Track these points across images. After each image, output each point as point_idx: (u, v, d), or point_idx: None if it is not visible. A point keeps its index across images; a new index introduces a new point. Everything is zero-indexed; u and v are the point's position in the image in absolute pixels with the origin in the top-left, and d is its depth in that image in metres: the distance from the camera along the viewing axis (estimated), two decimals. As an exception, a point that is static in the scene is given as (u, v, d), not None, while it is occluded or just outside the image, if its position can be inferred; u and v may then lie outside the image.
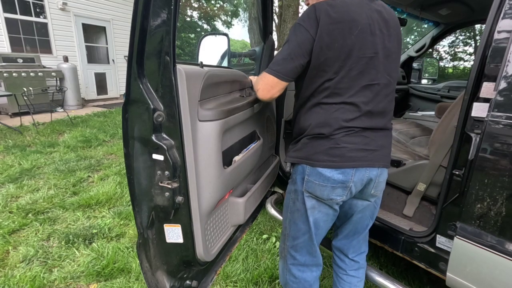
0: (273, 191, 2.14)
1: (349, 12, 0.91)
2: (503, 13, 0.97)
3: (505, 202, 0.95)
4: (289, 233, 1.14)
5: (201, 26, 15.41)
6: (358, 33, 0.90)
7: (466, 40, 13.93)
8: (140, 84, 0.89)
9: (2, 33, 6.08)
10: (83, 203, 2.43)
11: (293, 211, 1.10)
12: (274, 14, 6.16)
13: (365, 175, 0.98)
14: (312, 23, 0.91)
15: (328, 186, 0.97)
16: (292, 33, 0.97)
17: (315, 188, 0.99)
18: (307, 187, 1.01)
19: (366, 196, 1.07)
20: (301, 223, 1.08)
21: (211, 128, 1.03)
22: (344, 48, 0.90)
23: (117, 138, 4.55)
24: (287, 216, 1.13)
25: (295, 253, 1.14)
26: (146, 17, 0.84)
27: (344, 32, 0.90)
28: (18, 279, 1.61)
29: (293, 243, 1.14)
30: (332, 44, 0.90)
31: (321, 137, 0.97)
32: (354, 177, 0.97)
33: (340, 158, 0.95)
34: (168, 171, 0.92)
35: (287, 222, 1.14)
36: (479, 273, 1.04)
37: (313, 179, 0.98)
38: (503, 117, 0.94)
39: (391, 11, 1.02)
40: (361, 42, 0.91)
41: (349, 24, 0.90)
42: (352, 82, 0.93)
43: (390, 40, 0.98)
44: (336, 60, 0.91)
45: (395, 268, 1.80)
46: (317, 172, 0.97)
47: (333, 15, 0.90)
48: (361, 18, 0.91)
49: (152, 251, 1.08)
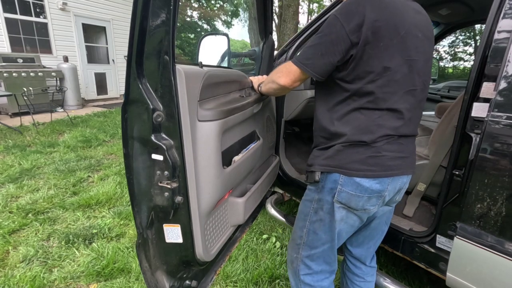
0: (273, 191, 2.14)
1: (395, 10, 0.84)
2: (503, 13, 0.97)
3: (505, 202, 0.95)
4: (305, 242, 1.06)
5: (201, 26, 15.41)
6: (404, 34, 0.84)
7: (466, 40, 13.93)
8: (140, 84, 0.89)
9: (2, 33, 6.08)
10: (83, 203, 2.43)
11: (313, 221, 1.03)
12: (274, 14, 6.16)
13: (398, 183, 0.96)
14: (352, 18, 0.82)
15: (365, 197, 0.92)
16: (326, 26, 0.88)
17: (350, 199, 0.93)
18: (339, 198, 0.94)
19: (390, 202, 1.03)
20: (322, 233, 1.02)
21: (210, 128, 1.03)
22: (390, 49, 0.83)
23: (117, 138, 4.55)
24: (305, 225, 1.05)
25: (311, 262, 1.08)
26: (146, 17, 0.84)
27: (390, 31, 0.82)
28: (18, 279, 1.61)
29: (309, 253, 1.07)
30: (377, 43, 0.82)
31: (361, 145, 0.89)
32: (390, 186, 0.93)
33: (379, 167, 0.90)
34: (167, 171, 0.92)
35: (304, 231, 1.06)
36: (479, 273, 1.04)
37: (349, 189, 0.91)
38: (503, 117, 0.94)
39: (426, 13, 0.97)
40: (406, 43, 0.85)
41: (396, 23, 0.83)
42: (397, 87, 0.87)
43: (428, 43, 0.93)
44: (381, 61, 0.84)
45: (395, 268, 1.80)
46: (353, 182, 0.91)
47: (380, 12, 0.82)
48: (407, 17, 0.85)
49: (152, 251, 1.08)
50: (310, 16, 18.99)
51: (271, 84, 1.11)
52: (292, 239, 1.14)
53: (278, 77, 1.04)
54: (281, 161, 2.02)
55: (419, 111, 0.98)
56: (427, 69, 0.94)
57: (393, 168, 0.91)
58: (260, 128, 1.59)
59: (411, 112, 0.92)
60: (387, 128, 0.89)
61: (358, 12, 0.82)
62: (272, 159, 1.93)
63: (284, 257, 1.89)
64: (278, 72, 1.05)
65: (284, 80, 1.01)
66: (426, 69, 0.93)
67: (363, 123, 0.89)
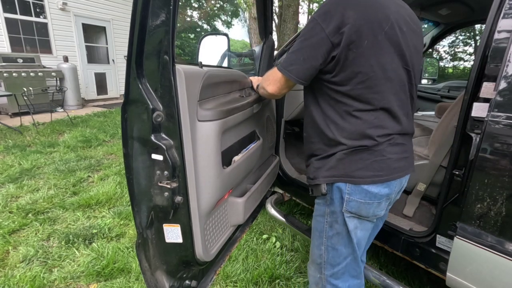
0: (273, 191, 2.14)
1: (376, 5, 0.82)
2: (503, 13, 0.97)
3: (505, 202, 0.95)
4: (326, 260, 1.01)
5: (201, 26, 15.41)
6: (388, 29, 0.81)
7: (466, 40, 13.92)
8: (140, 84, 0.89)
9: (2, 33, 6.08)
10: (83, 203, 2.43)
11: (330, 236, 0.98)
12: (274, 14, 6.16)
13: (402, 183, 0.96)
14: (331, 19, 0.80)
15: (375, 203, 0.89)
16: (306, 30, 0.86)
17: (360, 207, 0.90)
18: (348, 207, 0.90)
19: (391, 202, 1.02)
20: (342, 247, 0.97)
21: (210, 128, 1.03)
22: (376, 46, 0.80)
23: (117, 138, 4.55)
24: (323, 242, 1.00)
25: (336, 281, 1.02)
26: (145, 17, 0.84)
27: (373, 27, 0.80)
28: (18, 279, 1.61)
29: (333, 271, 1.01)
30: (361, 42, 0.79)
31: (363, 150, 0.86)
32: (396, 188, 0.93)
33: (385, 171, 0.87)
34: (167, 171, 0.92)
35: (322, 250, 1.01)
36: (479, 273, 1.04)
37: (357, 197, 0.89)
38: (503, 117, 0.94)
39: (408, 6, 0.94)
40: (392, 38, 0.82)
41: (378, 19, 0.80)
42: (388, 84, 0.84)
43: (415, 36, 0.90)
44: (367, 59, 0.81)
45: (395, 268, 1.80)
46: (361, 190, 0.88)
47: (359, 9, 0.80)
48: (389, 12, 0.82)
49: (152, 251, 1.08)
50: (310, 16, 18.98)
51: (262, 90, 1.09)
52: (312, 260, 1.08)
53: (267, 85, 1.02)
54: (281, 161, 2.02)
55: (412, 105, 0.96)
56: (416, 61, 0.92)
57: (398, 170, 0.90)
58: (260, 128, 1.59)
59: (405, 108, 0.90)
60: (385, 128, 0.87)
61: (337, 12, 0.80)
62: (272, 159, 1.93)
63: (284, 257, 1.89)
64: (267, 79, 1.03)
65: (271, 88, 1.00)
66: (414, 62, 0.90)
67: (361, 127, 0.86)
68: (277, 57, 2.01)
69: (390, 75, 0.84)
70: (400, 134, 0.90)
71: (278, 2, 11.20)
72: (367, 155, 0.87)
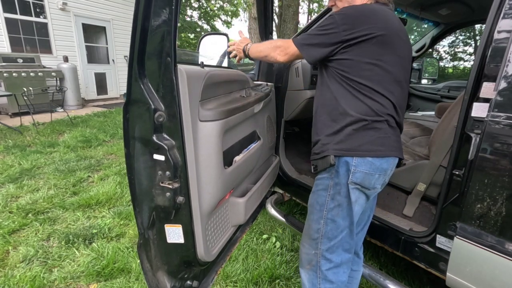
0: (273, 191, 2.14)
1: (385, 18, 0.99)
2: (503, 13, 0.97)
3: (505, 202, 0.95)
4: (324, 234, 1.08)
5: (201, 26, 15.39)
6: (392, 35, 0.98)
7: (466, 40, 13.93)
8: (141, 84, 0.89)
9: (2, 33, 6.07)
10: (83, 203, 2.43)
11: (331, 208, 1.05)
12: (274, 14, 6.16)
13: (394, 163, 1.06)
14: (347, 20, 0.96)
15: (376, 175, 1.01)
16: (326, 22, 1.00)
17: (364, 178, 1.00)
18: (354, 178, 1.00)
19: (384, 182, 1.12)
20: (340, 219, 1.05)
21: (212, 128, 1.03)
22: (382, 45, 0.96)
23: (117, 138, 4.55)
24: (322, 215, 1.07)
25: (331, 255, 1.09)
26: (147, 17, 0.85)
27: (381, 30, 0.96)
28: (18, 279, 1.61)
29: (329, 245, 1.08)
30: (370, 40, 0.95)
31: (370, 128, 0.99)
32: (391, 165, 1.04)
33: (386, 147, 1.00)
34: (169, 171, 0.92)
35: (321, 223, 1.07)
36: (479, 273, 1.04)
37: (363, 169, 0.99)
38: (503, 117, 0.95)
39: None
40: (394, 43, 0.99)
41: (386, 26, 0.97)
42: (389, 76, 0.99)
43: (408, 47, 1.08)
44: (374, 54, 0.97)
45: (395, 268, 1.80)
46: (367, 162, 0.99)
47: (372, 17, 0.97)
48: (392, 24, 1.00)
49: (153, 251, 1.08)
50: (310, 16, 18.98)
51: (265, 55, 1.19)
52: (308, 236, 1.14)
53: (276, 54, 1.13)
54: (281, 161, 2.03)
55: (404, 105, 1.09)
56: (409, 67, 1.08)
57: (394, 149, 1.03)
58: (261, 128, 1.60)
59: (399, 101, 1.03)
60: (387, 109, 1.00)
61: (354, 15, 0.97)
62: (272, 159, 1.94)
63: (284, 257, 1.89)
64: (277, 47, 1.14)
65: (282, 58, 1.13)
66: (408, 67, 1.06)
67: (368, 102, 0.98)
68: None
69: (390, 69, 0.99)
70: (395, 120, 1.03)
71: (278, 2, 11.21)
72: (373, 132, 0.99)
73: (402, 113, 1.08)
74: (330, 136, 1.03)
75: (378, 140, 0.99)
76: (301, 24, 12.98)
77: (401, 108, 1.06)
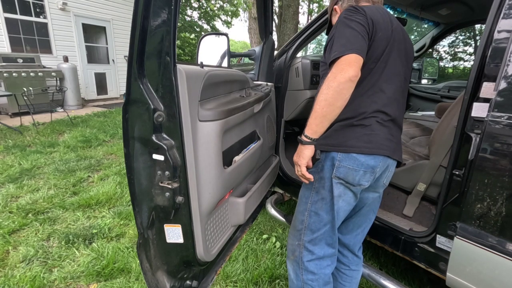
0: (273, 191, 2.14)
1: (383, 13, 1.02)
2: (503, 13, 0.97)
3: (505, 202, 0.95)
4: (307, 226, 1.11)
5: (201, 26, 15.39)
6: (393, 30, 1.01)
7: (466, 40, 13.92)
8: (141, 84, 0.89)
9: (2, 33, 6.07)
10: (83, 203, 2.43)
11: (315, 201, 1.08)
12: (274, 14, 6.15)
13: (386, 163, 1.04)
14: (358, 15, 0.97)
15: (360, 171, 1.00)
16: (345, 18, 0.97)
17: (347, 173, 1.00)
18: (337, 173, 1.01)
19: (378, 187, 1.11)
20: (324, 212, 1.07)
21: (211, 128, 1.03)
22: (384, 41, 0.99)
23: (117, 138, 4.55)
24: (306, 208, 1.11)
25: (313, 247, 1.12)
26: (147, 17, 0.84)
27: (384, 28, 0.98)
28: (18, 279, 1.61)
29: (311, 237, 1.11)
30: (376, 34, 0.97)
31: (355, 124, 0.99)
32: (381, 163, 1.02)
33: (373, 145, 0.99)
34: (168, 171, 0.92)
35: (305, 215, 1.11)
36: (479, 273, 1.04)
37: (346, 164, 1.00)
38: (503, 117, 0.94)
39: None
40: (394, 38, 1.01)
41: (386, 21, 1.00)
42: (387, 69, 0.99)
43: (410, 46, 1.09)
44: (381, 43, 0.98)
45: (395, 268, 1.80)
46: (351, 157, 0.99)
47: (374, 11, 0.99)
48: (393, 20, 1.03)
49: (153, 251, 1.08)
50: (310, 16, 18.97)
51: (334, 91, 0.88)
52: (293, 227, 1.18)
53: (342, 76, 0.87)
54: (281, 161, 2.02)
55: (404, 100, 1.09)
56: (409, 63, 1.09)
57: (384, 147, 1.01)
58: (261, 128, 1.60)
59: (396, 94, 1.03)
60: (378, 104, 0.99)
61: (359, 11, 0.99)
62: (272, 159, 1.94)
63: (284, 257, 1.89)
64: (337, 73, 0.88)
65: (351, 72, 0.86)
66: (407, 63, 1.07)
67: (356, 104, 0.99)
68: (277, 57, 2.02)
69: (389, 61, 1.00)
70: (390, 118, 1.02)
71: (278, 2, 11.21)
72: (360, 129, 0.99)
73: (400, 107, 1.07)
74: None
75: (364, 136, 0.99)
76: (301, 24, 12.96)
77: (398, 102, 1.05)
